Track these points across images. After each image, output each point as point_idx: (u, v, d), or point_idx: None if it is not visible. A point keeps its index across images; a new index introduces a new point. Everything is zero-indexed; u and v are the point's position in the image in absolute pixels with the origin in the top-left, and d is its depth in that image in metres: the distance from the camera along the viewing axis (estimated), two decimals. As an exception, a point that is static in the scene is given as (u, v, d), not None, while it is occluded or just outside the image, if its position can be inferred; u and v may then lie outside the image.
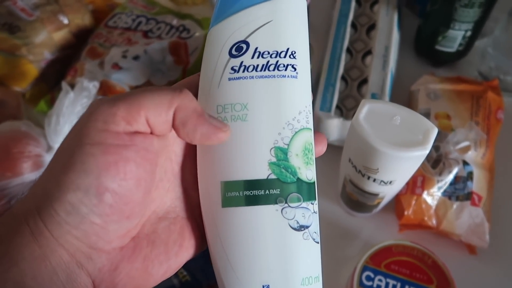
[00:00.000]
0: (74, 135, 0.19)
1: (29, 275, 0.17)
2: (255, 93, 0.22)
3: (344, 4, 0.56)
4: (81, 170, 0.18)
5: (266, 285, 0.21)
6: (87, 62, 0.54)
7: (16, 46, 0.53)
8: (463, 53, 0.54)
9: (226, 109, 0.22)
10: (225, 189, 0.22)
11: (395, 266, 0.38)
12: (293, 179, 0.22)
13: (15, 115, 0.53)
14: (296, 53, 0.22)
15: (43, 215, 0.18)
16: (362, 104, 0.33)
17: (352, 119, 0.46)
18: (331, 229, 0.47)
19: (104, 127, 0.18)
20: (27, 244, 0.18)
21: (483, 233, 0.42)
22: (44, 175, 0.19)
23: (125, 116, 0.18)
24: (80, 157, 0.18)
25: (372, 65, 0.50)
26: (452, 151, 0.44)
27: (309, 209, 0.22)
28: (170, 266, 0.22)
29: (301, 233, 0.22)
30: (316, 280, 0.22)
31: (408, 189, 0.44)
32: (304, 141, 0.22)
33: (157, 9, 0.60)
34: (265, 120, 0.22)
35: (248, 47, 0.22)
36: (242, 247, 0.22)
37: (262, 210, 0.21)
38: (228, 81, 0.22)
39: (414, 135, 0.31)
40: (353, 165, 0.36)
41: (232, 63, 0.22)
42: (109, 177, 0.18)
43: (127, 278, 0.20)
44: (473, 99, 0.48)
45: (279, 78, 0.22)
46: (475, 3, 0.46)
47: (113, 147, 0.18)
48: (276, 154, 0.22)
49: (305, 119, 0.22)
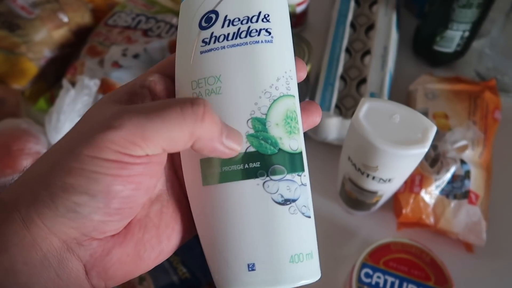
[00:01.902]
0: (84, 143, 0.18)
1: (20, 261, 0.17)
2: (227, 64, 0.21)
3: (343, 4, 0.56)
4: (92, 178, 0.17)
5: (251, 263, 0.20)
6: (87, 60, 0.54)
7: (16, 44, 0.53)
8: (460, 53, 0.55)
9: (200, 84, 0.21)
10: (203, 167, 0.21)
11: (393, 264, 0.38)
12: (274, 150, 0.20)
13: (15, 113, 0.53)
14: (269, 16, 0.21)
15: (40, 206, 0.17)
16: (362, 102, 0.33)
17: (351, 118, 0.47)
18: (330, 227, 0.47)
19: (120, 150, 0.17)
20: (17, 231, 0.17)
21: (480, 231, 0.42)
22: (43, 167, 0.19)
23: (143, 146, 0.18)
24: (93, 168, 0.17)
25: (371, 65, 0.50)
26: (450, 150, 0.44)
27: (295, 181, 0.21)
28: (163, 250, 0.21)
29: (286, 207, 0.20)
30: (308, 257, 0.21)
31: (406, 187, 0.44)
32: (286, 109, 0.21)
33: (157, 8, 0.60)
34: (239, 91, 0.21)
35: (217, 16, 0.21)
36: (225, 225, 0.21)
37: (242, 185, 0.20)
38: (200, 55, 0.21)
39: (413, 133, 0.32)
40: (353, 163, 0.37)
41: (203, 35, 0.21)
42: (120, 186, 0.18)
43: (119, 263, 0.20)
44: (471, 99, 0.48)
45: (252, 44, 0.21)
46: (473, 4, 0.46)
47: (129, 164, 0.18)
48: (254, 125, 0.20)
49: (285, 86, 0.21)
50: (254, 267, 0.20)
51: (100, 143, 0.17)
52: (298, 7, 0.57)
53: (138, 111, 0.18)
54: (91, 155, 0.17)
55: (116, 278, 0.20)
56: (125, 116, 0.17)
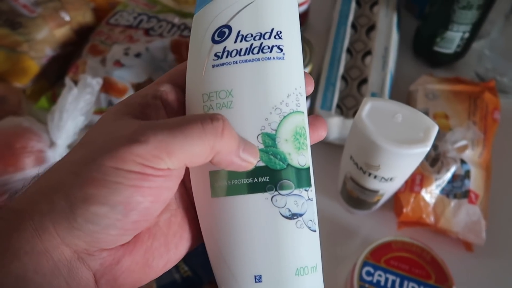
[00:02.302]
0: (106, 153, 0.18)
1: (31, 269, 0.17)
2: (239, 79, 0.21)
3: (344, 5, 0.57)
4: (114, 188, 0.18)
5: (258, 275, 0.21)
6: (89, 59, 0.54)
7: (18, 42, 0.53)
8: (460, 54, 0.55)
9: (211, 97, 0.21)
10: (213, 179, 0.21)
11: (394, 262, 0.39)
12: (283, 165, 0.21)
13: (16, 111, 0.53)
14: (282, 33, 0.21)
15: (57, 216, 0.18)
16: (364, 101, 0.33)
17: (352, 117, 0.47)
18: (331, 226, 0.47)
19: (143, 162, 0.18)
20: (29, 240, 0.17)
21: (480, 231, 0.43)
22: (60, 174, 0.19)
23: (166, 161, 0.18)
24: (115, 178, 0.18)
25: (372, 65, 0.51)
26: (450, 150, 0.44)
27: (303, 196, 0.21)
28: (170, 258, 0.22)
29: (293, 221, 0.21)
30: (313, 270, 0.21)
31: (407, 187, 0.44)
32: (295, 126, 0.21)
33: (159, 7, 0.61)
34: (250, 106, 0.21)
35: (230, 31, 0.21)
36: (233, 237, 0.21)
37: (251, 199, 0.21)
38: (212, 68, 0.21)
39: (415, 132, 0.32)
40: (355, 162, 0.37)
41: (215, 49, 0.21)
42: (140, 198, 0.18)
43: (128, 272, 0.20)
44: (471, 100, 0.49)
45: (264, 60, 0.21)
46: (473, 5, 0.47)
47: (151, 176, 0.18)
48: (264, 141, 0.21)
49: (295, 102, 0.21)
50: (260, 279, 0.21)
51: (125, 155, 0.17)
52: (300, 7, 0.57)
53: (162, 127, 0.18)
54: (115, 167, 0.17)
55: (125, 286, 0.20)
56: (150, 131, 0.18)
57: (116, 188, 0.18)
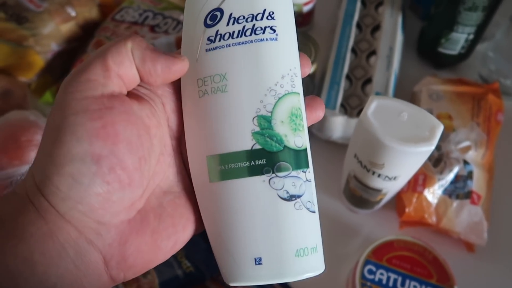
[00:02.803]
0: (56, 110, 0.19)
1: (37, 251, 0.17)
2: (233, 62, 0.21)
3: (350, 5, 0.57)
4: (73, 140, 0.18)
5: (258, 257, 0.21)
6: (94, 55, 0.55)
7: (24, 36, 0.54)
8: (465, 56, 0.55)
9: (206, 81, 0.21)
10: (210, 163, 0.21)
11: (396, 261, 0.39)
12: (280, 147, 0.21)
13: (21, 105, 0.53)
14: (274, 14, 0.21)
15: (45, 192, 0.18)
16: (370, 100, 0.33)
17: (356, 117, 0.47)
18: (333, 225, 0.47)
19: (82, 95, 0.19)
20: (33, 221, 0.18)
21: (482, 231, 0.43)
22: (38, 154, 0.19)
23: (98, 79, 0.19)
24: (69, 128, 0.18)
25: (376, 65, 0.51)
26: (453, 151, 0.45)
27: (300, 177, 0.21)
28: (178, 239, 0.22)
29: (292, 203, 0.21)
30: (313, 251, 0.21)
31: (410, 186, 0.44)
32: (290, 107, 0.21)
33: (164, 4, 0.61)
34: (245, 89, 0.21)
35: (222, 14, 0.21)
36: (232, 221, 0.21)
37: (248, 182, 0.21)
38: (205, 53, 0.21)
39: (420, 131, 0.32)
40: (359, 161, 0.37)
41: (208, 33, 0.21)
42: (100, 143, 0.18)
43: (137, 252, 0.20)
44: (474, 101, 0.49)
45: (257, 42, 0.21)
46: (478, 7, 0.47)
47: (97, 112, 0.18)
48: (259, 123, 0.21)
49: (289, 84, 0.21)
50: (261, 261, 0.21)
51: (65, 98, 0.19)
52: (305, 6, 0.57)
53: (80, 64, 0.20)
54: (64, 115, 0.18)
55: (136, 267, 0.20)
56: (74, 71, 0.20)
57: (75, 139, 0.18)
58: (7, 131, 0.43)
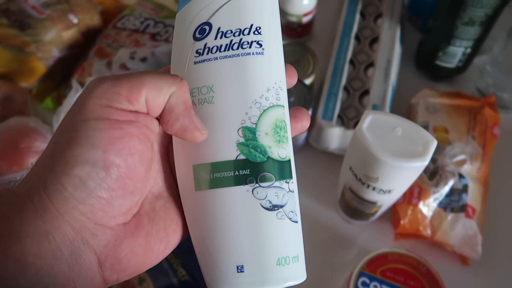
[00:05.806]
0: (77, 112, 0.19)
1: (31, 253, 0.17)
2: (220, 74, 0.22)
3: (349, 17, 0.57)
4: (88, 144, 0.18)
5: (240, 265, 0.21)
6: (95, 62, 0.55)
7: (26, 43, 0.54)
8: (462, 69, 0.56)
9: (194, 93, 0.22)
10: (196, 172, 0.22)
11: (390, 273, 0.39)
12: (263, 158, 0.21)
13: (22, 111, 0.53)
14: (261, 29, 0.22)
15: (50, 190, 0.18)
16: (365, 114, 0.34)
17: (353, 128, 0.48)
18: (328, 236, 0.48)
19: (108, 103, 0.19)
20: (31, 222, 0.18)
21: (476, 245, 0.43)
22: (47, 152, 0.20)
23: (128, 96, 0.19)
24: (86, 132, 0.18)
25: (374, 77, 0.51)
26: (449, 164, 0.45)
27: (283, 188, 0.22)
28: (169, 242, 0.22)
29: (274, 212, 0.21)
30: (294, 260, 0.22)
31: (405, 199, 0.45)
32: (275, 119, 0.22)
33: (165, 12, 0.62)
34: (231, 101, 0.21)
35: (210, 28, 0.22)
36: (215, 229, 0.22)
37: (232, 192, 0.21)
38: (194, 65, 0.22)
39: (414, 146, 0.32)
40: (354, 173, 0.38)
41: (197, 46, 0.22)
42: (115, 151, 0.19)
43: (131, 255, 0.21)
44: (471, 114, 0.49)
45: (244, 56, 0.22)
46: (475, 22, 0.48)
47: (118, 122, 0.19)
48: (244, 134, 0.21)
49: (275, 96, 0.22)
50: (243, 269, 0.21)
51: (88, 102, 0.19)
52: (305, 17, 0.58)
53: (118, 75, 0.20)
54: (84, 119, 0.19)
55: (129, 269, 0.21)
56: (104, 77, 0.20)
57: (90, 144, 0.18)
58: (7, 137, 0.44)
